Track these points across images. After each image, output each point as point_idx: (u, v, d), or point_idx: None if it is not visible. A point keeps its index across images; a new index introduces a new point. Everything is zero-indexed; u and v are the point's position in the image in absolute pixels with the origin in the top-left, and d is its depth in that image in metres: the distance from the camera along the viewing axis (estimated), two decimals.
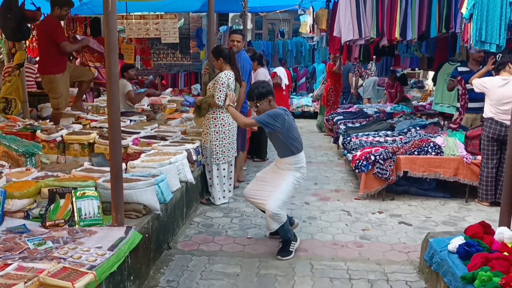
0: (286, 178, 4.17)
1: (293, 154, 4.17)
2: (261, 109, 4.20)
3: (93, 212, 3.57)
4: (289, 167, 4.20)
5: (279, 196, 4.07)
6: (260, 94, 4.18)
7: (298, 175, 4.21)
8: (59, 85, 6.50)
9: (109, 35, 3.26)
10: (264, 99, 4.18)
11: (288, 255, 4.14)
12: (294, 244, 4.23)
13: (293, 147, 4.16)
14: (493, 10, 5.48)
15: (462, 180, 5.72)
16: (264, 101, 4.19)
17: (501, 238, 3.44)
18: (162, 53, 16.66)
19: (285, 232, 4.16)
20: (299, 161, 4.22)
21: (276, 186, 4.16)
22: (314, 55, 16.27)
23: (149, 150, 5.09)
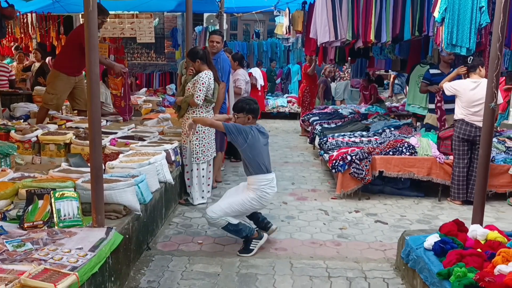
0: (241, 195, 4.25)
1: (251, 174, 4.23)
2: (238, 121, 4.33)
3: (73, 213, 3.53)
4: (249, 187, 4.26)
5: (220, 203, 4.24)
6: (241, 108, 4.31)
7: (252, 196, 4.19)
8: (60, 83, 6.45)
9: (90, 34, 3.24)
10: (243, 113, 4.30)
11: (248, 252, 4.20)
12: (257, 242, 4.27)
13: (251, 167, 4.21)
14: (463, 14, 5.66)
15: (435, 179, 5.88)
16: (242, 116, 4.30)
17: (474, 235, 3.56)
18: (136, 52, 16.50)
19: (234, 232, 4.26)
20: (256, 182, 4.20)
21: (229, 198, 4.31)
22: (289, 56, 16.41)
23: (127, 151, 5.05)
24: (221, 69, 6.03)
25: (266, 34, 19.08)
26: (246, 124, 4.29)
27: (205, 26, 15.04)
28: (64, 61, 6.43)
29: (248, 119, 4.30)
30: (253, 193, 4.20)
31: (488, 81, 3.72)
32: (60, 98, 6.55)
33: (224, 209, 4.16)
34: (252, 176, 4.22)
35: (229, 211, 4.16)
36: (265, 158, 4.25)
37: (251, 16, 16.55)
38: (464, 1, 5.60)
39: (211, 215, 4.15)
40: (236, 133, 4.14)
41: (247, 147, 4.15)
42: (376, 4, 6.68)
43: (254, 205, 4.22)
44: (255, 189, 4.20)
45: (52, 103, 6.48)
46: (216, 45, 6.21)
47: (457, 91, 5.64)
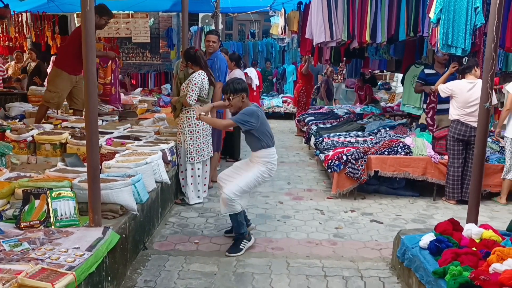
0: (252, 170, 4.34)
1: (262, 148, 4.33)
2: (233, 103, 4.35)
3: (69, 213, 3.53)
4: (257, 160, 4.35)
5: (238, 183, 4.26)
6: (234, 89, 4.31)
7: (263, 169, 4.33)
8: (61, 82, 6.47)
9: (87, 34, 3.24)
10: (237, 94, 4.31)
11: (238, 251, 4.23)
12: (246, 243, 4.32)
13: (263, 142, 4.31)
14: (459, 15, 5.70)
15: (430, 179, 5.91)
16: (237, 97, 4.31)
17: (469, 234, 3.59)
18: (132, 52, 16.49)
19: (238, 225, 4.31)
20: (268, 155, 4.35)
21: (241, 175, 4.37)
22: (284, 56, 16.44)
23: (123, 150, 5.05)
24: (218, 68, 6.03)
25: (261, 34, 19.08)
26: (242, 103, 4.34)
27: (201, 26, 15.03)
28: (65, 60, 6.45)
29: (243, 98, 4.34)
30: (263, 166, 4.32)
31: (483, 81, 3.75)
32: (61, 97, 6.56)
33: (242, 186, 4.24)
34: (261, 150, 4.32)
35: (246, 188, 4.28)
36: (270, 130, 4.43)
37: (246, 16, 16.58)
38: (459, 2, 5.64)
39: (231, 196, 4.17)
40: (248, 119, 4.19)
41: (260, 124, 4.26)
42: (372, 5, 6.71)
43: (265, 178, 4.38)
44: (265, 162, 4.33)
45: (53, 101, 6.49)
46: (212, 44, 6.21)
47: (453, 91, 5.67)
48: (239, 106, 4.36)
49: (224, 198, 4.19)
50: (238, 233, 4.33)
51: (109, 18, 6.48)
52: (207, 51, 6.28)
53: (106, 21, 6.38)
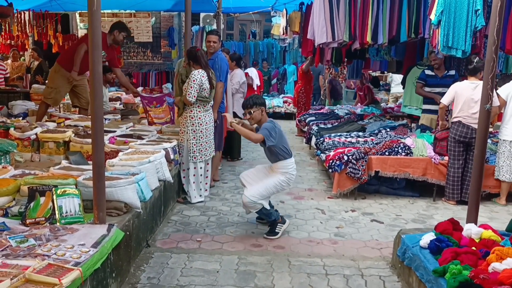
0: (273, 177, 4.68)
1: (279, 160, 4.67)
2: (254, 117, 4.68)
3: (74, 210, 3.57)
4: (277, 171, 4.70)
5: (259, 188, 4.59)
6: (255, 103, 4.65)
7: (282, 179, 4.66)
8: (59, 78, 6.56)
9: (93, 33, 3.28)
10: (258, 107, 4.65)
11: (274, 235, 4.63)
12: (281, 226, 4.71)
13: (279, 155, 4.64)
14: (459, 17, 5.74)
15: (430, 179, 5.96)
16: (258, 110, 4.65)
17: (469, 234, 3.63)
18: (133, 51, 16.47)
19: (266, 215, 4.67)
20: (286, 166, 4.67)
21: (262, 180, 4.68)
22: (285, 56, 16.48)
23: (126, 149, 5.09)
24: (218, 68, 6.07)
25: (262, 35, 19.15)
26: (262, 116, 4.68)
27: (202, 26, 15.06)
28: (68, 58, 6.51)
29: (262, 111, 4.68)
30: (283, 176, 4.66)
31: (484, 83, 3.80)
32: (59, 93, 6.61)
33: (262, 192, 4.57)
34: (281, 161, 4.66)
35: (265, 194, 4.61)
36: (287, 143, 4.76)
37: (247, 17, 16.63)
38: (460, 4, 5.68)
39: (251, 199, 4.52)
40: (273, 133, 4.52)
41: (278, 139, 4.57)
42: (373, 6, 6.75)
43: (284, 186, 4.74)
44: (284, 173, 4.67)
45: (50, 97, 6.56)
46: (213, 45, 6.25)
47: (456, 93, 5.70)
48: (259, 119, 4.69)
49: (244, 202, 4.57)
50: (270, 221, 4.69)
51: (128, 35, 6.69)
52: (208, 51, 6.32)
53: (124, 37, 6.63)
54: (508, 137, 5.75)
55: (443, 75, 6.97)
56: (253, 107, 4.65)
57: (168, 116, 6.56)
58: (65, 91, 6.74)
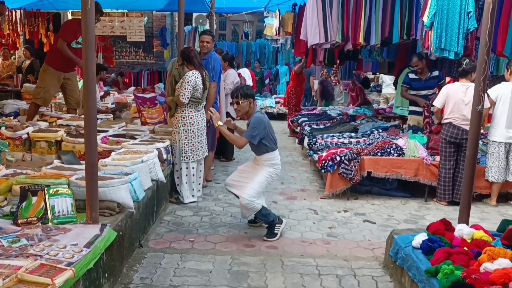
0: (260, 172, 4.63)
1: (267, 152, 4.62)
2: (241, 108, 4.61)
3: (67, 210, 3.55)
4: (264, 163, 4.65)
5: (252, 186, 4.53)
6: (245, 94, 4.57)
7: (271, 170, 4.64)
8: (47, 77, 6.53)
9: (87, 33, 3.27)
10: (247, 99, 4.57)
11: (273, 237, 4.59)
12: (279, 226, 4.68)
13: (267, 147, 4.60)
14: (452, 19, 5.79)
15: (422, 180, 5.99)
16: (245, 101, 4.58)
17: (461, 234, 3.66)
18: (125, 51, 16.45)
19: (265, 216, 4.61)
20: (273, 158, 4.65)
21: (251, 178, 4.61)
22: (278, 57, 16.49)
23: (119, 149, 5.07)
24: (212, 68, 6.07)
25: (254, 35, 19.14)
26: (249, 108, 4.61)
27: (195, 26, 15.05)
28: (52, 56, 6.48)
29: (250, 103, 4.61)
30: (271, 168, 4.64)
31: (476, 84, 3.83)
32: (47, 92, 6.58)
33: (257, 188, 4.53)
34: (267, 153, 4.62)
35: (260, 189, 4.59)
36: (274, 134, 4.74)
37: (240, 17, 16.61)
38: (452, 6, 5.73)
39: (250, 200, 4.47)
40: (258, 130, 4.50)
41: (266, 132, 4.55)
42: (366, 8, 6.78)
43: (273, 177, 4.71)
44: (272, 164, 4.64)
45: (39, 97, 6.53)
46: (206, 45, 6.25)
47: (447, 94, 5.74)
48: (246, 110, 4.63)
49: (244, 204, 4.50)
50: (268, 223, 4.65)
51: (100, 15, 6.53)
52: (201, 52, 6.31)
53: (97, 19, 6.39)
54: (497, 138, 5.80)
55: (427, 77, 7.01)
56: (241, 98, 4.57)
57: (161, 116, 6.53)
58: (55, 90, 6.70)
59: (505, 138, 5.73)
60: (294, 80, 10.85)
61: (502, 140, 5.75)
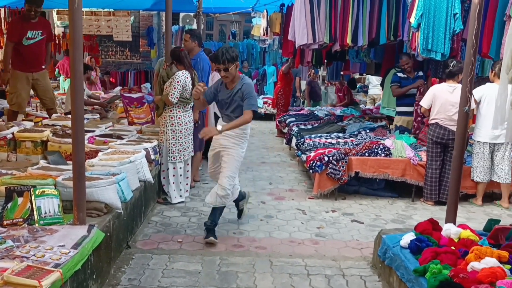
0: (231, 151, 4.38)
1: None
2: (230, 74, 4.24)
3: (53, 211, 3.50)
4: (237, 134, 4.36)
5: (227, 173, 4.36)
6: (231, 58, 4.18)
7: (242, 144, 4.43)
8: (16, 81, 6.40)
9: (74, 31, 3.24)
10: (234, 63, 4.20)
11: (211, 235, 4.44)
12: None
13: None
14: (439, 20, 5.84)
15: (409, 180, 6.03)
16: (233, 65, 4.21)
17: (448, 234, 3.70)
18: (111, 50, 16.31)
19: (218, 216, 4.54)
20: (247, 126, 4.43)
21: (226, 163, 4.38)
22: (265, 57, 16.50)
23: (106, 149, 5.03)
24: (200, 69, 6.05)
25: (242, 35, 19.14)
26: (237, 72, 4.30)
27: (181, 26, 14.98)
28: (15, 59, 6.39)
29: (237, 66, 4.27)
30: (243, 140, 4.41)
31: (463, 85, 3.87)
32: (19, 96, 6.44)
33: (232, 175, 4.37)
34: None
35: (235, 171, 4.43)
36: None
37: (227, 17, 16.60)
38: (439, 8, 5.78)
39: (227, 188, 4.32)
40: (256, 98, 4.29)
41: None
42: (353, 9, 6.81)
43: (243, 151, 4.48)
44: (245, 135, 4.42)
45: (12, 103, 6.46)
46: (184, 43, 6.29)
47: (434, 95, 5.80)
48: (234, 75, 4.27)
49: (224, 195, 4.35)
50: (214, 223, 4.51)
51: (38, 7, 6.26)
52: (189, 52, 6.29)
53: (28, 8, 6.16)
54: (481, 139, 5.86)
55: (414, 76, 7.12)
56: (228, 63, 4.16)
57: (148, 116, 6.49)
58: (26, 93, 6.57)
59: (490, 138, 5.79)
60: (282, 81, 10.87)
61: (487, 140, 5.82)
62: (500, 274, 2.89)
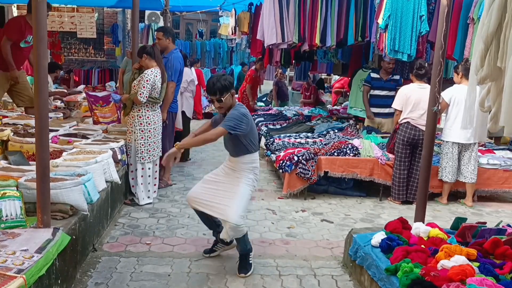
0: (241, 182, 3.82)
1: (249, 153, 3.85)
2: (225, 105, 3.78)
3: (15, 213, 3.35)
4: (243, 167, 3.85)
5: (238, 204, 3.72)
6: (224, 87, 3.71)
7: (252, 177, 3.87)
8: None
9: (38, 26, 3.11)
10: (228, 92, 3.75)
11: (250, 269, 3.87)
12: (251, 254, 3.95)
13: (249, 146, 3.83)
14: (405, 22, 5.94)
15: (377, 180, 6.10)
16: (228, 95, 3.75)
17: (418, 233, 3.75)
18: (74, 48, 15.86)
19: (244, 243, 3.87)
20: (255, 160, 3.89)
21: (232, 193, 3.78)
22: (232, 57, 16.44)
23: (70, 149, 4.86)
24: (171, 67, 5.89)
25: (209, 34, 19.03)
26: (233, 101, 3.83)
27: (147, 24, 14.74)
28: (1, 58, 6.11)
29: (232, 95, 3.81)
30: (251, 174, 3.86)
31: (431, 86, 3.93)
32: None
33: (244, 206, 3.79)
34: (250, 154, 3.84)
35: (246, 205, 3.87)
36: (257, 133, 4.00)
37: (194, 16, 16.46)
38: (406, 10, 5.87)
39: (240, 221, 3.68)
40: (240, 124, 3.67)
41: (250, 129, 3.78)
42: (322, 9, 6.84)
43: (254, 185, 3.94)
44: (253, 168, 3.87)
45: None
46: (158, 41, 6.13)
47: (406, 95, 5.87)
48: (229, 105, 3.81)
49: (233, 227, 3.67)
50: (245, 251, 3.89)
51: (49, 10, 6.22)
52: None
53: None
54: (451, 139, 5.95)
55: (387, 78, 7.18)
56: (223, 92, 3.71)
57: (114, 115, 6.32)
58: (3, 90, 6.32)
59: (459, 138, 5.91)
60: (251, 80, 10.73)
61: (456, 141, 5.92)
62: (470, 271, 2.94)
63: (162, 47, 6.07)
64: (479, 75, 2.85)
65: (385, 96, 7.08)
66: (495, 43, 2.72)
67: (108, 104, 6.24)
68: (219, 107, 3.80)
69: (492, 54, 2.74)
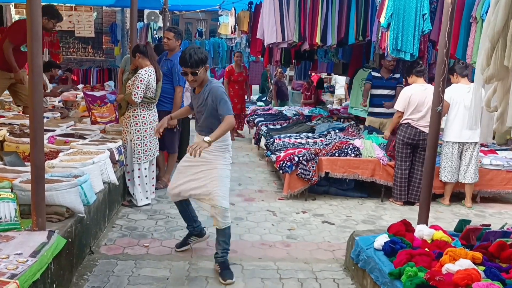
0: (217, 165, 3.74)
1: None
2: (198, 79, 3.68)
3: (10, 216, 3.26)
4: (218, 146, 3.70)
5: (221, 187, 3.71)
6: (200, 60, 3.62)
7: (227, 155, 3.81)
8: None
9: (33, 24, 3.03)
10: (203, 66, 3.66)
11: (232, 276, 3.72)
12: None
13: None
14: (408, 21, 5.85)
15: (378, 180, 6.03)
16: (203, 69, 3.67)
17: (421, 235, 3.67)
18: (73, 47, 15.77)
19: (228, 239, 3.85)
20: (228, 137, 3.82)
21: (212, 177, 3.73)
22: (232, 56, 16.34)
23: (67, 149, 4.78)
24: (177, 71, 5.71)
25: (208, 34, 18.96)
26: (205, 76, 3.74)
27: (146, 23, 14.66)
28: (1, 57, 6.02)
29: (206, 69, 3.73)
30: (226, 152, 3.79)
31: (435, 85, 3.85)
32: None
33: (227, 189, 3.76)
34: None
35: (228, 188, 3.80)
36: None
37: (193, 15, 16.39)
38: (408, 8, 5.79)
39: (228, 205, 3.72)
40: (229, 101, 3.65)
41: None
42: (322, 8, 6.77)
43: (230, 164, 3.87)
44: (227, 146, 3.78)
45: None
46: (167, 41, 5.98)
47: (408, 97, 5.79)
48: (203, 79, 3.72)
49: (222, 211, 3.68)
50: (226, 251, 3.83)
51: (58, 21, 6.17)
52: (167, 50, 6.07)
53: (54, 25, 6.09)
54: (451, 139, 5.90)
55: (388, 77, 7.12)
56: (199, 65, 3.61)
57: (112, 115, 6.24)
58: (3, 89, 6.24)
59: (459, 138, 5.84)
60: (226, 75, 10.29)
61: (456, 140, 5.86)
62: (476, 276, 2.87)
63: (170, 48, 5.97)
64: (485, 74, 2.78)
65: (387, 95, 7.01)
66: (501, 41, 2.65)
67: (106, 104, 6.16)
68: (192, 80, 3.68)
69: (499, 53, 2.67)
